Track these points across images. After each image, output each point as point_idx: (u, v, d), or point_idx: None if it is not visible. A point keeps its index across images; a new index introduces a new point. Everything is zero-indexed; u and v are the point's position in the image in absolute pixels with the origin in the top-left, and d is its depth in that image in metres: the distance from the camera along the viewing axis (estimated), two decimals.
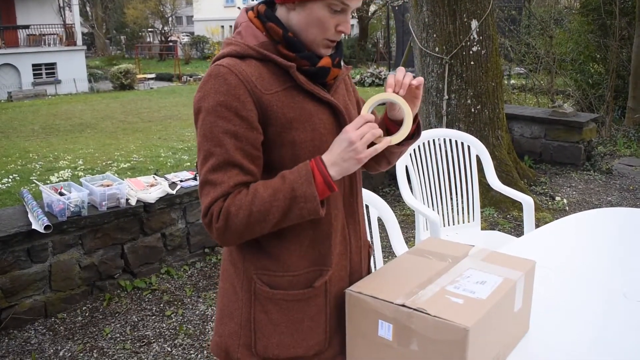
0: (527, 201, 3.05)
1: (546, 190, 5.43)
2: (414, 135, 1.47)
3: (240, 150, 1.26)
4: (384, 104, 1.41)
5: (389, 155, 1.50)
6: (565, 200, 5.19)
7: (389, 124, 1.46)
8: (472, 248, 1.62)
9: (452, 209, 3.32)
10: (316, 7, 1.27)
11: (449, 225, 3.29)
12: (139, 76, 22.79)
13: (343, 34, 1.35)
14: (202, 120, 1.28)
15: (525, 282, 1.49)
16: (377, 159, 1.53)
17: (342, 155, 1.25)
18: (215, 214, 1.25)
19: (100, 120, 12.44)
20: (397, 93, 1.34)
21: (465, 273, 1.47)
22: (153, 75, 24.59)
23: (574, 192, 5.50)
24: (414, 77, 1.39)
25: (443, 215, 3.27)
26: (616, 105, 9.82)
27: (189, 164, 7.56)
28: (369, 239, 1.67)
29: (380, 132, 1.27)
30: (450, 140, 3.32)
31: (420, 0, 4.98)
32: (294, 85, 1.32)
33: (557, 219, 4.79)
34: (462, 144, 3.30)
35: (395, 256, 2.63)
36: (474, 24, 4.87)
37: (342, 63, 1.42)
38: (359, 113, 1.53)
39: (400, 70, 1.37)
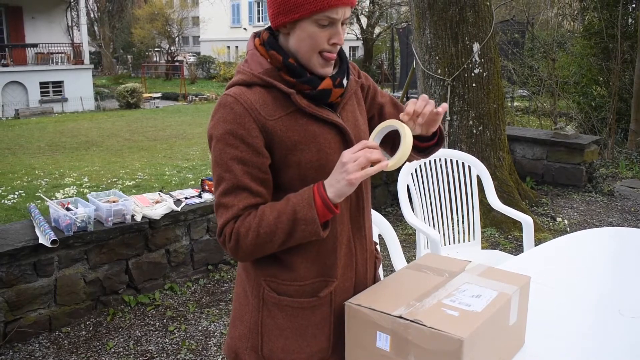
0: (526, 221, 3.09)
1: (547, 211, 5.47)
2: (438, 142, 1.57)
3: (248, 174, 1.35)
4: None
5: (411, 158, 1.55)
6: (566, 221, 5.22)
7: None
8: (469, 263, 1.66)
9: (453, 228, 3.36)
10: (305, 24, 1.34)
11: (449, 244, 3.33)
12: (145, 95, 22.96)
13: (338, 46, 1.39)
14: (214, 148, 1.37)
15: (520, 296, 1.53)
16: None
17: (336, 176, 1.31)
18: (227, 234, 1.35)
19: (106, 138, 12.55)
20: (415, 122, 1.39)
21: (461, 287, 1.51)
22: (159, 95, 24.78)
23: (575, 214, 5.53)
24: (436, 105, 1.44)
25: (444, 234, 3.31)
26: (619, 127, 9.86)
27: (193, 182, 7.63)
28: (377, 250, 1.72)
29: (376, 156, 1.30)
30: (451, 160, 3.38)
31: (422, 23, 5.08)
32: (297, 109, 1.39)
33: None
34: (463, 164, 3.35)
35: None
36: (476, 46, 4.95)
37: (345, 82, 1.47)
38: (380, 117, 1.60)
39: (423, 98, 1.42)
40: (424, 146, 1.57)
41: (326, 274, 1.46)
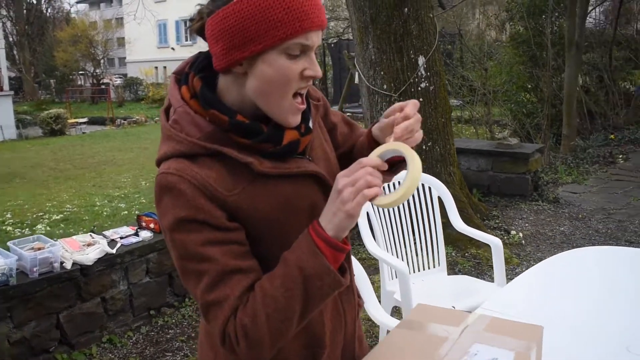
0: (495, 243, 2.92)
1: (499, 224, 5.37)
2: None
3: (230, 253, 1.04)
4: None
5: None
6: (520, 234, 5.13)
7: (371, 142, 1.30)
8: (469, 316, 1.42)
9: (417, 254, 3.15)
10: (270, 57, 1.04)
11: (414, 272, 3.12)
12: (70, 121, 22.04)
13: (311, 81, 1.11)
14: (172, 241, 1.06)
15: (536, 352, 1.31)
16: None
17: (332, 208, 1.04)
18: (232, 336, 1.04)
19: (29, 169, 11.83)
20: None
21: (471, 350, 1.27)
22: (85, 120, 23.85)
23: (526, 224, 5.47)
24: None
25: (408, 261, 3.09)
26: (551, 133, 10.09)
27: (126, 212, 7.19)
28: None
29: (377, 181, 1.04)
30: None
31: (365, 38, 4.89)
32: (261, 173, 1.10)
33: (515, 253, 4.72)
34: (423, 185, 3.16)
35: (366, 312, 2.42)
36: (421, 60, 4.81)
37: (311, 124, 1.21)
38: (332, 137, 1.35)
39: (411, 105, 1.22)
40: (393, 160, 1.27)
41: (315, 345, 1.19)
